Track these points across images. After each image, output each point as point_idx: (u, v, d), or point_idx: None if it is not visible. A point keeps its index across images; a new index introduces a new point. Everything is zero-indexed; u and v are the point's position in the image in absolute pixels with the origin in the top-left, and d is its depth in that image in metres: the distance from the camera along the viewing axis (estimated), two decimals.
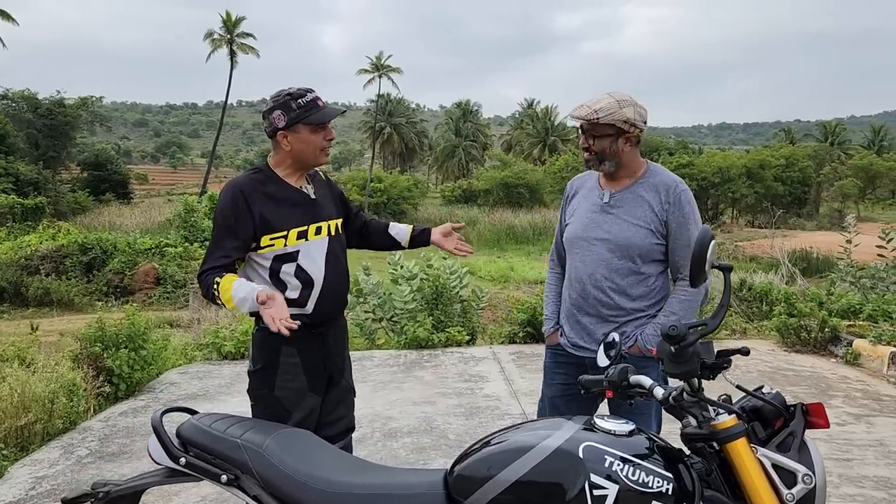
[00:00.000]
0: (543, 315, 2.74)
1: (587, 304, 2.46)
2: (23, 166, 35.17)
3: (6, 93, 40.26)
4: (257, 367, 2.39)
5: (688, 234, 2.36)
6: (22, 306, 16.17)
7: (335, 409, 2.52)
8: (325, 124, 2.38)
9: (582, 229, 2.47)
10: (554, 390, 2.63)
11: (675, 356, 1.57)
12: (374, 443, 4.29)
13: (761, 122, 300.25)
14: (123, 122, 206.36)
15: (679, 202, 2.37)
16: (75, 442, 4.40)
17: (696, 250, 1.65)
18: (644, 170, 2.46)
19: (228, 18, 49.54)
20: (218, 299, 2.21)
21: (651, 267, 2.42)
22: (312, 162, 2.43)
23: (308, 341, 2.39)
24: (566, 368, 2.56)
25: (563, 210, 2.69)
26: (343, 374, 2.56)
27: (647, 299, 2.43)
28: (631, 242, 2.38)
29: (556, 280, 2.73)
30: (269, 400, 2.36)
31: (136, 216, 34.49)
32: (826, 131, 69.26)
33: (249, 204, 2.29)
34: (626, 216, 2.40)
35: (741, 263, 20.72)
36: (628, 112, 2.32)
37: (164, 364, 6.20)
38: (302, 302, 2.37)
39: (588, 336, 2.48)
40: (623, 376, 1.72)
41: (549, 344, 2.67)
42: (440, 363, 6.37)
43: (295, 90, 2.36)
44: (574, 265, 2.50)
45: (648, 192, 2.41)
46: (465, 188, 49.17)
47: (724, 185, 44.71)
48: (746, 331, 7.78)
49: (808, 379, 5.71)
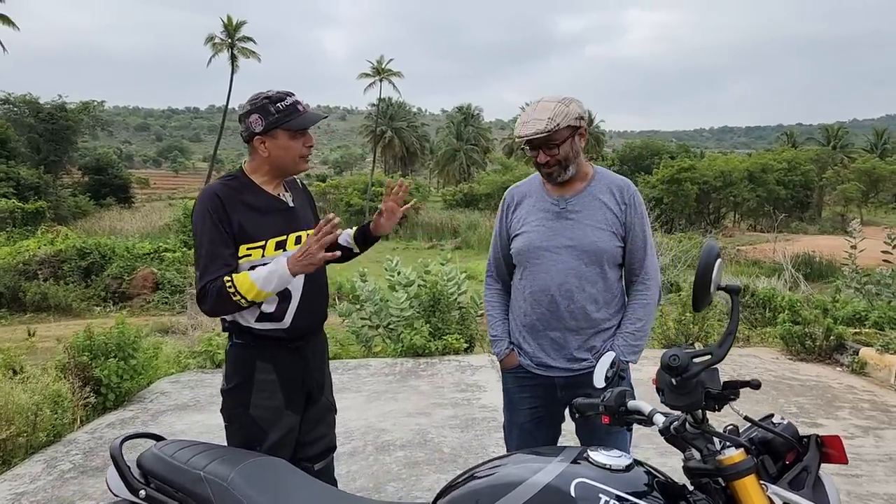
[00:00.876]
0: (490, 336, 2.55)
1: (556, 318, 2.32)
2: (24, 171, 35.18)
3: (8, 97, 40.28)
4: (231, 384, 2.26)
5: (644, 234, 2.34)
6: (20, 311, 16.08)
7: (315, 427, 2.38)
8: (305, 130, 2.25)
9: (541, 238, 2.33)
10: (523, 416, 2.44)
11: (676, 388, 1.43)
12: (366, 457, 4.16)
13: (763, 126, 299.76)
14: (125, 126, 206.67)
15: (634, 202, 2.34)
16: (59, 455, 4.27)
17: (700, 269, 1.49)
18: (592, 173, 2.38)
19: (230, 23, 49.57)
20: (235, 296, 2.05)
21: (614, 272, 2.35)
22: (292, 169, 2.29)
23: (285, 357, 2.26)
24: (532, 391, 2.41)
25: (503, 222, 2.50)
26: (323, 391, 2.42)
27: (612, 306, 2.36)
28: (598, 247, 2.28)
29: (499, 297, 2.55)
30: (243, 419, 2.22)
31: (137, 220, 34.45)
32: (828, 135, 69.05)
33: (227, 211, 2.16)
34: (588, 220, 2.30)
35: (743, 268, 20.59)
36: (575, 107, 2.25)
37: (155, 373, 6.07)
38: (279, 316, 2.23)
39: (558, 352, 2.35)
40: (621, 401, 1.58)
41: (506, 367, 2.48)
42: (437, 372, 6.23)
43: (274, 93, 2.22)
44: (537, 277, 2.34)
45: (603, 194, 2.33)
46: (466, 192, 49.08)
47: (726, 188, 44.59)
48: (750, 338, 7.64)
49: (813, 389, 5.57)
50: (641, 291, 2.35)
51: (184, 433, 4.67)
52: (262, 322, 2.21)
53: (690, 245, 16.69)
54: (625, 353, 2.30)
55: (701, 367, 1.42)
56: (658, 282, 2.39)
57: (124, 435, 1.94)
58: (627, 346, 2.32)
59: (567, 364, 2.34)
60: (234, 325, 2.23)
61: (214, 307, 2.11)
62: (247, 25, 50.69)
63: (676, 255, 14.11)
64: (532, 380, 2.40)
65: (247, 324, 2.21)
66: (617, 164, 53.57)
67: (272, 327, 2.21)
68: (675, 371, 1.40)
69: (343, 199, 40.85)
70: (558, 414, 2.44)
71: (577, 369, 2.32)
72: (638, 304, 2.35)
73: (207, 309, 2.13)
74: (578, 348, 2.33)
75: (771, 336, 7.55)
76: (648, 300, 2.35)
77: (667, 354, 1.42)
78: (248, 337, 2.24)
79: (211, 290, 2.09)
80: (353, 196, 40.61)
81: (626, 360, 2.31)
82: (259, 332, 2.22)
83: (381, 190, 31.77)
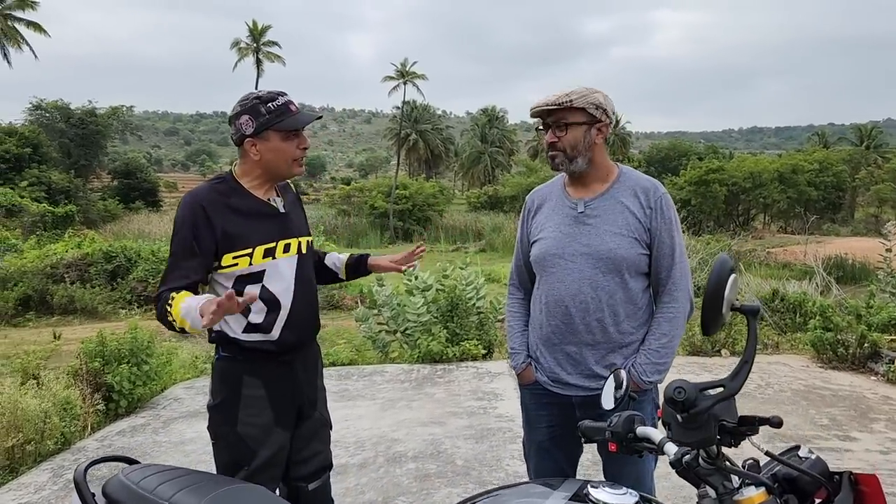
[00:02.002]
0: (509, 348, 2.40)
1: (571, 331, 2.16)
2: (55, 175, 35.77)
3: (40, 103, 41.02)
4: (217, 400, 2.14)
5: (672, 241, 2.13)
6: (47, 314, 16.27)
7: (307, 444, 2.26)
8: (298, 131, 2.12)
9: (557, 245, 2.17)
10: (541, 434, 2.29)
11: (684, 423, 1.26)
12: (377, 468, 4.03)
13: (793, 126, 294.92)
14: (155, 130, 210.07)
15: (661, 207, 2.13)
16: (66, 464, 4.21)
17: (711, 287, 1.30)
18: (616, 173, 2.19)
19: (255, 27, 49.92)
20: (169, 315, 1.93)
21: (637, 282, 2.16)
22: (285, 173, 2.17)
23: (274, 371, 2.14)
24: (550, 409, 2.25)
25: (525, 227, 2.37)
26: (315, 406, 2.29)
27: (634, 319, 2.16)
28: (616, 254, 2.09)
29: (520, 307, 2.40)
30: (231, 438, 2.10)
31: (165, 223, 34.75)
32: (861, 134, 67.53)
33: (210, 217, 2.03)
34: (607, 225, 2.12)
35: (773, 270, 20.09)
36: (599, 96, 2.08)
37: (169, 378, 6.02)
38: (267, 327, 2.11)
39: (574, 368, 2.18)
40: (629, 427, 1.43)
41: (524, 382, 2.33)
42: (453, 379, 6.09)
43: (265, 93, 2.11)
44: (551, 287, 2.18)
45: (627, 196, 2.14)
46: (490, 194, 48.82)
47: (756, 190, 43.77)
48: (779, 344, 7.38)
49: (846, 399, 5.32)
50: (668, 304, 2.15)
51: (193, 441, 4.59)
52: (250, 333, 2.09)
53: (719, 248, 16.35)
54: (647, 373, 2.11)
55: (711, 401, 1.25)
56: (688, 293, 2.17)
57: (90, 460, 1.82)
58: (650, 365, 2.11)
59: (584, 381, 2.16)
60: (221, 336, 2.11)
61: (158, 316, 2.00)
62: (273, 30, 51.06)
63: (703, 258, 13.81)
64: (549, 397, 2.24)
65: (234, 335, 2.09)
66: (644, 165, 52.95)
67: (260, 339, 2.10)
68: (681, 406, 1.24)
69: (367, 201, 40.83)
70: (577, 434, 2.28)
71: (595, 388, 2.11)
72: (664, 317, 2.15)
73: (157, 315, 2.02)
74: (596, 364, 2.15)
75: (801, 342, 7.28)
76: (676, 314, 2.14)
77: (671, 387, 1.25)
78: (234, 349, 2.12)
79: (161, 301, 1.98)
80: (377, 199, 40.54)
81: (649, 379, 2.10)
82: (246, 344, 2.10)
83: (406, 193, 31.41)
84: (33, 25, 39.72)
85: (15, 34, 39.31)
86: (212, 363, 2.21)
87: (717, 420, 1.25)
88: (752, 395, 5.43)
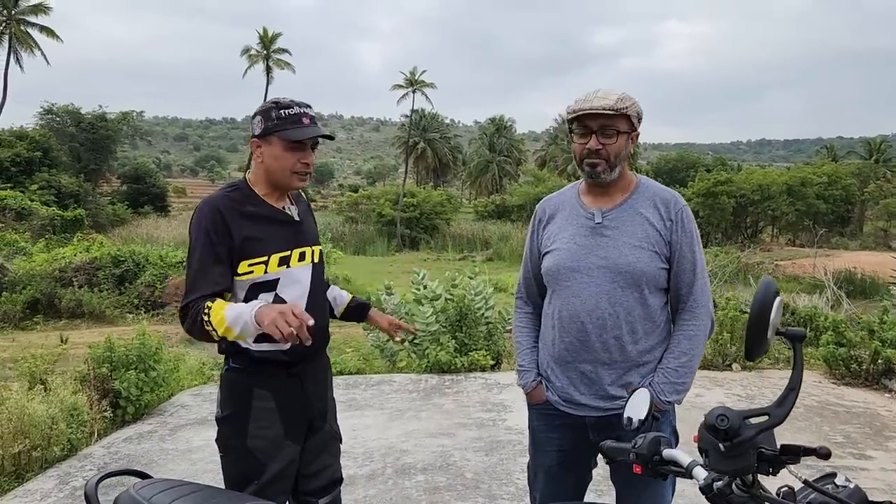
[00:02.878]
0: (517, 366, 2.27)
1: (586, 348, 2.05)
2: (65, 179, 35.96)
3: (51, 108, 41.29)
4: (226, 412, 2.10)
5: (693, 256, 2.05)
6: (55, 318, 16.30)
7: (317, 457, 2.21)
8: (304, 144, 2.08)
9: (573, 258, 2.06)
10: (549, 458, 2.18)
11: (724, 452, 1.20)
12: (385, 480, 3.99)
13: (802, 139, 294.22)
14: (164, 136, 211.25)
15: (682, 219, 2.05)
16: (73, 471, 4.19)
17: (755, 310, 1.24)
18: (635, 183, 2.11)
19: (265, 34, 50.18)
20: (208, 325, 1.87)
21: (656, 298, 2.06)
22: (283, 183, 2.11)
23: (285, 383, 2.11)
24: (561, 431, 2.15)
25: (535, 238, 2.25)
26: (325, 419, 2.25)
27: (653, 337, 2.07)
28: (636, 268, 2.00)
29: (529, 322, 2.29)
30: (240, 451, 2.07)
31: (173, 228, 34.88)
32: (870, 148, 67.24)
33: (228, 225, 2.00)
34: (626, 237, 2.03)
35: (782, 284, 19.98)
36: (639, 106, 2.02)
37: (177, 385, 6.00)
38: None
39: (588, 388, 2.08)
40: (654, 448, 1.38)
41: (533, 402, 2.22)
42: (462, 390, 6.05)
43: (286, 100, 2.09)
44: (566, 301, 2.08)
45: (646, 207, 2.06)
46: (498, 203, 48.80)
47: (764, 202, 43.61)
48: (790, 360, 7.30)
49: (860, 416, 5.25)
50: (688, 321, 2.05)
51: (201, 449, 4.56)
52: (261, 343, 2.05)
53: (727, 260, 16.25)
54: (665, 393, 2.01)
55: (755, 430, 1.19)
56: (709, 310, 2.09)
57: (101, 473, 1.78)
58: (669, 385, 2.02)
59: (599, 402, 2.07)
60: (232, 347, 2.08)
61: (191, 329, 1.94)
62: (284, 38, 51.30)
63: (712, 270, 13.73)
64: (560, 418, 2.13)
65: (245, 345, 2.06)
66: (651, 176, 52.72)
67: (271, 349, 2.06)
68: (724, 435, 1.18)
69: (375, 209, 40.88)
70: (588, 458, 2.18)
71: (610, 409, 2.05)
72: (684, 335, 2.05)
73: (186, 328, 1.96)
74: (612, 384, 2.05)
75: (812, 357, 7.21)
76: (696, 331, 2.05)
77: (714, 414, 1.19)
78: (244, 361, 2.08)
79: (192, 311, 1.93)
80: (384, 206, 40.58)
81: (667, 400, 2.01)
82: (257, 355, 2.07)
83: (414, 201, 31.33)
84: (46, 31, 40.06)
85: (28, 39, 39.64)
86: (220, 374, 2.18)
87: (756, 448, 1.20)
88: None
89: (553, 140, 73.21)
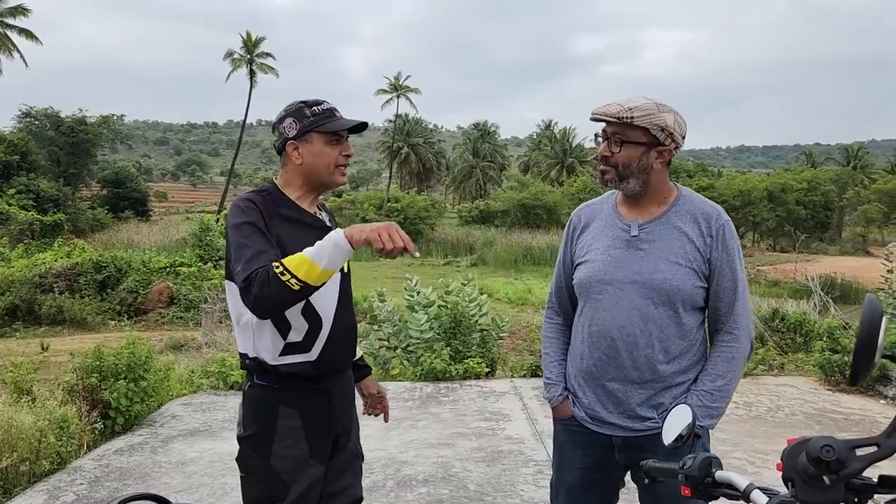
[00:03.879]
0: (545, 378, 2.18)
1: (615, 366, 1.97)
2: (44, 183, 35.41)
3: (29, 111, 40.73)
4: (248, 431, 2.00)
5: (734, 274, 1.95)
6: (35, 324, 16.01)
7: (340, 477, 2.12)
8: (341, 136, 2.04)
9: (605, 270, 1.98)
10: (573, 476, 2.09)
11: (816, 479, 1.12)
12: (387, 493, 3.90)
13: (780, 145, 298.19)
14: (145, 140, 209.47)
15: (723, 236, 1.95)
16: (62, 485, 4.05)
17: (863, 334, 1.16)
18: (675, 196, 2.00)
19: (249, 39, 49.91)
20: (285, 275, 1.71)
21: (692, 317, 1.98)
22: (327, 180, 2.05)
23: (312, 399, 2.02)
24: (586, 449, 2.05)
25: (568, 247, 2.16)
26: (350, 437, 2.17)
27: (687, 358, 1.98)
28: (672, 285, 1.91)
29: (558, 333, 2.19)
30: (263, 471, 1.97)
31: (155, 233, 34.52)
32: (848, 155, 68.31)
33: (267, 221, 1.92)
34: (663, 252, 1.93)
35: (764, 288, 20.13)
36: (668, 118, 1.87)
37: (167, 394, 5.87)
38: (307, 346, 1.98)
39: (616, 406, 1.99)
40: (706, 470, 1.31)
41: (559, 416, 2.12)
42: (458, 398, 5.97)
43: (311, 99, 2.04)
44: (597, 315, 1.99)
45: (685, 222, 1.96)
46: (482, 209, 48.87)
47: (745, 208, 44.08)
48: (784, 365, 7.31)
49: (858, 424, 5.25)
50: (727, 342, 1.95)
51: (195, 462, 4.44)
52: (288, 355, 1.96)
53: None
54: (700, 417, 1.89)
55: (864, 463, 1.13)
56: (749, 332, 1.99)
57: (120, 497, 1.68)
58: (703, 409, 1.91)
59: (626, 422, 1.98)
60: (258, 363, 1.99)
61: (260, 293, 1.74)
62: (268, 42, 51.10)
63: None
64: (586, 435, 2.05)
65: (273, 361, 1.96)
66: None
67: (298, 360, 1.97)
68: (829, 467, 1.11)
69: (359, 214, 40.75)
70: (614, 478, 2.10)
71: (638, 429, 1.97)
72: (721, 357, 1.95)
73: (254, 296, 1.75)
74: (641, 405, 1.97)
75: (805, 363, 7.22)
76: (735, 354, 1.95)
77: (818, 444, 1.11)
78: (270, 377, 1.99)
79: (258, 275, 1.75)
80: (368, 212, 40.49)
81: (701, 424, 1.90)
82: (284, 370, 1.97)
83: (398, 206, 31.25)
84: (25, 33, 39.50)
85: (6, 41, 39.06)
86: (242, 391, 2.08)
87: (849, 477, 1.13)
88: (764, 418, 5.35)
89: (536, 145, 73.61)
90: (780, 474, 1.21)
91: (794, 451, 1.18)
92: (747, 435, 4.89)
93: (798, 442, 1.18)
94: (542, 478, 4.08)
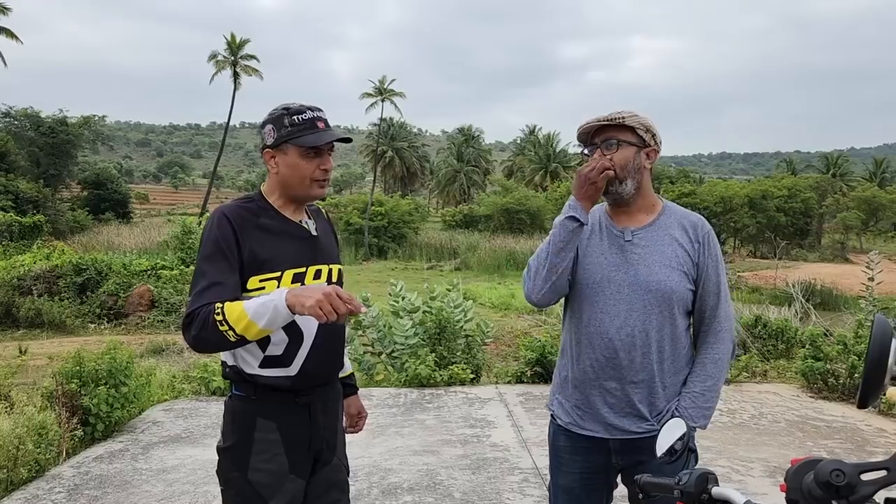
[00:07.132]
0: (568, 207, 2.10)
1: (612, 366, 2.00)
2: (23, 184, 34.90)
3: (9, 111, 40.14)
4: (228, 443, 1.95)
5: (717, 279, 2.05)
6: (13, 327, 15.75)
7: (326, 492, 2.06)
8: (319, 149, 1.95)
9: (602, 272, 2.03)
10: (571, 479, 2.11)
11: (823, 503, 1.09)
12: (372, 501, 3.87)
13: (761, 153, 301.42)
14: (126, 141, 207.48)
15: (709, 242, 2.05)
16: (41, 493, 3.97)
17: (873, 355, 1.13)
18: (661, 206, 2.10)
19: (233, 40, 49.58)
20: (223, 325, 1.71)
21: (683, 319, 2.04)
22: (301, 193, 1.99)
23: (292, 412, 1.96)
24: (585, 453, 2.08)
25: None
26: (335, 452, 2.10)
27: (678, 360, 2.03)
28: (668, 288, 1.97)
29: None
30: (240, 485, 1.92)
31: (136, 236, 34.10)
32: (828, 162, 69.10)
33: (238, 237, 1.87)
34: (658, 256, 2.00)
35: (744, 295, 20.31)
36: (647, 120, 2.03)
37: (148, 400, 5.79)
38: (286, 361, 1.92)
39: (612, 408, 2.02)
40: (702, 486, 1.30)
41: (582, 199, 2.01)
42: (443, 404, 5.94)
43: (295, 105, 1.96)
44: (592, 317, 2.02)
45: (675, 229, 2.04)
46: (466, 213, 48.82)
47: (727, 214, 44.46)
48: (767, 373, 7.36)
49: (840, 431, 5.29)
50: (713, 344, 2.03)
51: (176, 469, 4.38)
52: (267, 368, 1.92)
53: None
54: (693, 418, 1.96)
55: (874, 488, 1.10)
56: (733, 334, 2.07)
57: None
58: (696, 409, 1.98)
59: (623, 424, 2.01)
60: (236, 372, 1.94)
61: (198, 335, 1.75)
62: (254, 45, 50.86)
63: None
64: (584, 440, 2.07)
65: (251, 371, 1.92)
66: None
67: (277, 374, 1.92)
68: (838, 492, 1.08)
69: (342, 217, 40.53)
70: (610, 480, 2.13)
71: (635, 431, 1.99)
72: (708, 358, 2.02)
73: (192, 336, 1.76)
74: (638, 404, 2.00)
75: (787, 370, 7.28)
76: (720, 355, 2.02)
77: (827, 467, 1.09)
78: (249, 388, 1.94)
79: (199, 317, 1.75)
80: (352, 215, 40.26)
81: (695, 425, 1.96)
82: (263, 381, 1.92)
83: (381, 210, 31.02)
84: (5, 31, 38.98)
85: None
86: (224, 401, 2.04)
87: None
88: (747, 425, 5.37)
89: (520, 150, 73.76)
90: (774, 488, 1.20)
91: (799, 472, 1.15)
92: (731, 442, 4.91)
93: (804, 462, 1.16)
94: (528, 486, 4.07)
